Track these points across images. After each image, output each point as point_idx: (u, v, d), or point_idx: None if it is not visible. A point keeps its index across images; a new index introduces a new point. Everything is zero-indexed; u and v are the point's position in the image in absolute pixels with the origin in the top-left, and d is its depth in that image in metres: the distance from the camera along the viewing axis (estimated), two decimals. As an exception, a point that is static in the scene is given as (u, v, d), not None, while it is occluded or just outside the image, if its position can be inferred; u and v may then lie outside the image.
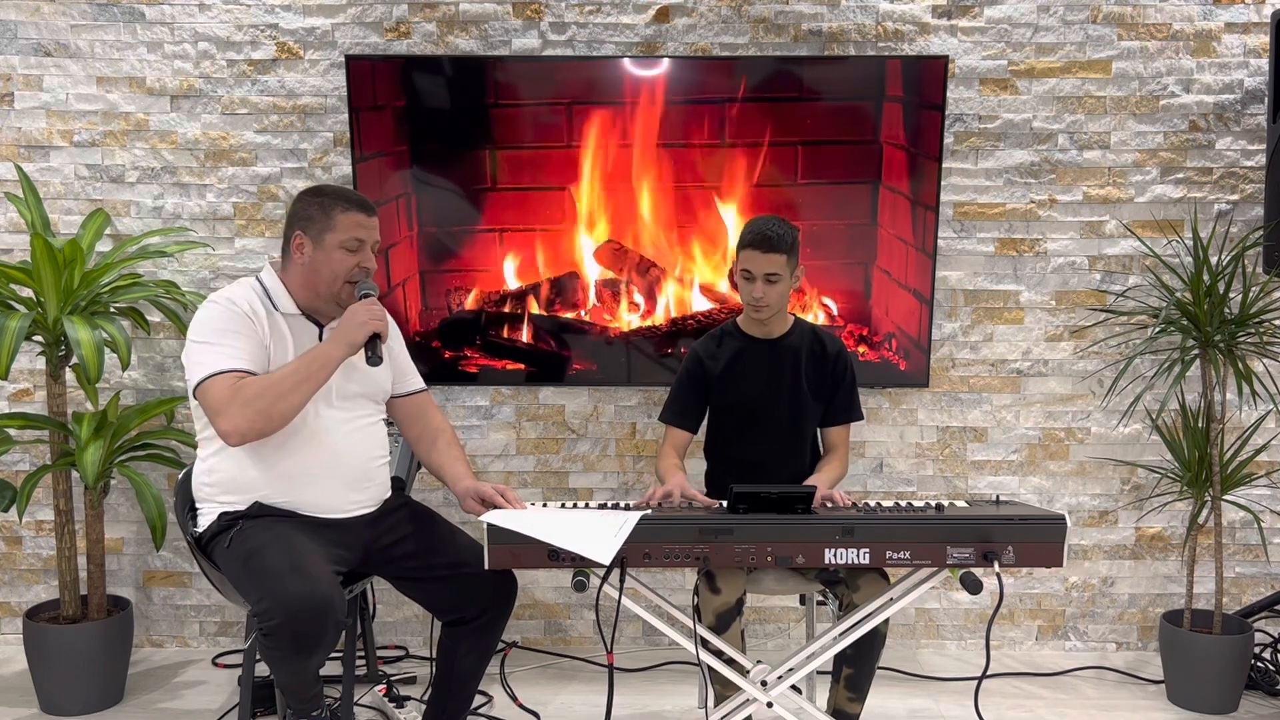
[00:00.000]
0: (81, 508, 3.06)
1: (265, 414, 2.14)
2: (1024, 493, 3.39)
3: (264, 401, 2.14)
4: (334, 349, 2.22)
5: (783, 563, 2.08)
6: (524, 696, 2.97)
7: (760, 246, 2.48)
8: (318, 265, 2.30)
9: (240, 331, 2.23)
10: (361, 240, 2.30)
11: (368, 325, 2.23)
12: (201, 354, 2.20)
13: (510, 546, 2.08)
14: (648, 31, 3.25)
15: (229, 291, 2.30)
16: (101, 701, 2.96)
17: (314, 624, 2.03)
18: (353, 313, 2.25)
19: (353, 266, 2.30)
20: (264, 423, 2.15)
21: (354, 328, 2.23)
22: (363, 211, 2.32)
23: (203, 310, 2.27)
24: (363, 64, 3.17)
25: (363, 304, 2.27)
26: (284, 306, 2.32)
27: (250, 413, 2.13)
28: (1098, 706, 3.02)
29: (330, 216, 2.29)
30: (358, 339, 2.23)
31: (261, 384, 2.16)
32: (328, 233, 2.29)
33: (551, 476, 3.43)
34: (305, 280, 2.32)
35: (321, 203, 2.31)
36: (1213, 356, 2.95)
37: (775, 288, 2.52)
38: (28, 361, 3.34)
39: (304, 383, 2.17)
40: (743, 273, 2.54)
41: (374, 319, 2.24)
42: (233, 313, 2.24)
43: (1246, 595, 3.39)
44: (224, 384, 2.16)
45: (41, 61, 3.26)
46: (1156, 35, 3.23)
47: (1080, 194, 3.29)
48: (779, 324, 2.66)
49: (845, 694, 2.43)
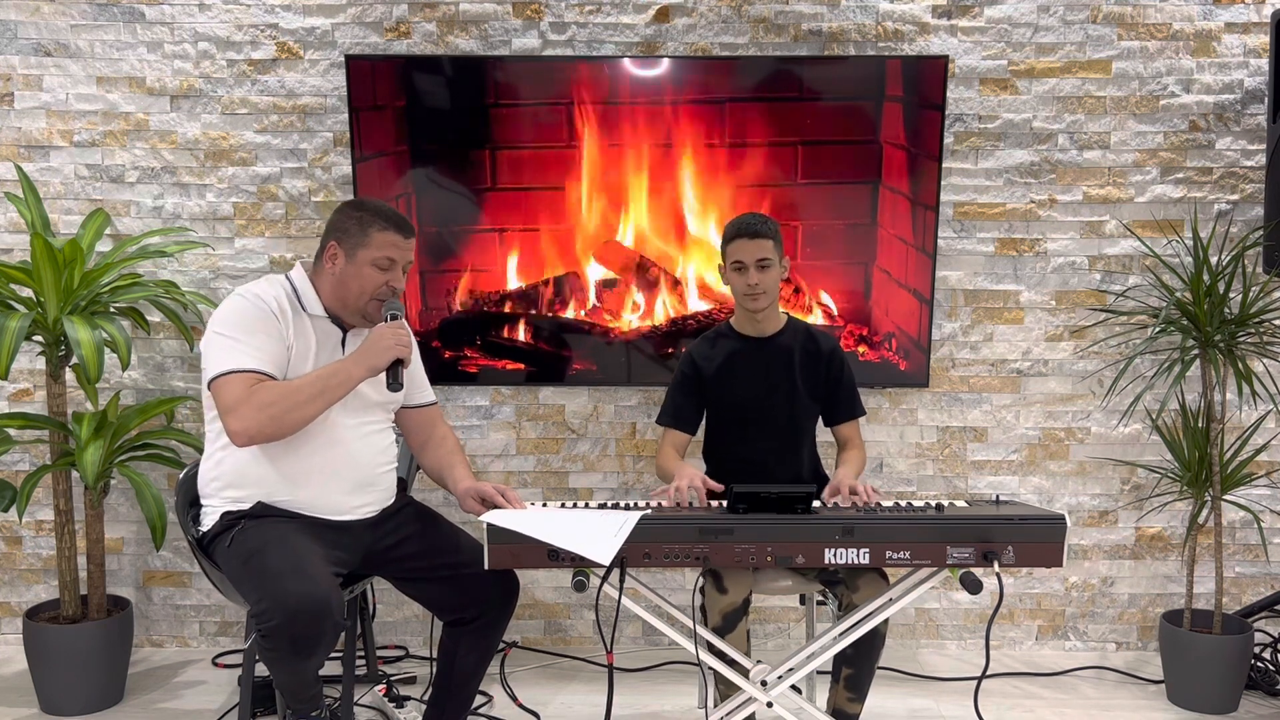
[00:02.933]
0: (81, 508, 3.06)
1: (277, 420, 2.15)
2: (1024, 493, 3.39)
3: (277, 409, 2.14)
4: (356, 369, 2.22)
5: (783, 563, 2.08)
6: (524, 696, 2.97)
7: (746, 234, 2.54)
8: (347, 278, 2.29)
9: (263, 330, 2.22)
10: (393, 260, 2.29)
11: (392, 351, 2.23)
12: (222, 348, 2.20)
13: (510, 546, 2.07)
14: (648, 31, 3.25)
15: (257, 287, 2.29)
16: (101, 701, 2.96)
17: (312, 625, 2.03)
18: (380, 335, 2.25)
19: (381, 284, 2.29)
20: (274, 429, 2.16)
21: (379, 351, 2.23)
22: (399, 232, 2.31)
23: (229, 302, 2.26)
24: (363, 64, 3.17)
25: (390, 327, 2.26)
26: (311, 308, 2.32)
27: (263, 417, 2.14)
28: (1098, 706, 3.02)
29: (366, 233, 2.28)
30: (380, 363, 2.23)
31: (278, 390, 2.16)
32: (361, 248, 2.28)
33: (551, 476, 3.43)
34: (334, 290, 2.32)
35: (360, 218, 2.30)
36: (1213, 356, 2.95)
37: (768, 274, 2.56)
38: (28, 361, 3.34)
39: (320, 396, 2.18)
40: (734, 265, 2.57)
41: (400, 344, 2.24)
42: (259, 309, 2.24)
43: (1246, 595, 3.40)
44: (240, 383, 2.16)
45: (41, 61, 3.26)
46: (1156, 35, 3.23)
47: (1080, 194, 3.29)
48: (772, 322, 2.67)
49: (845, 694, 2.43)
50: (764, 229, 2.54)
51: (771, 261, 2.55)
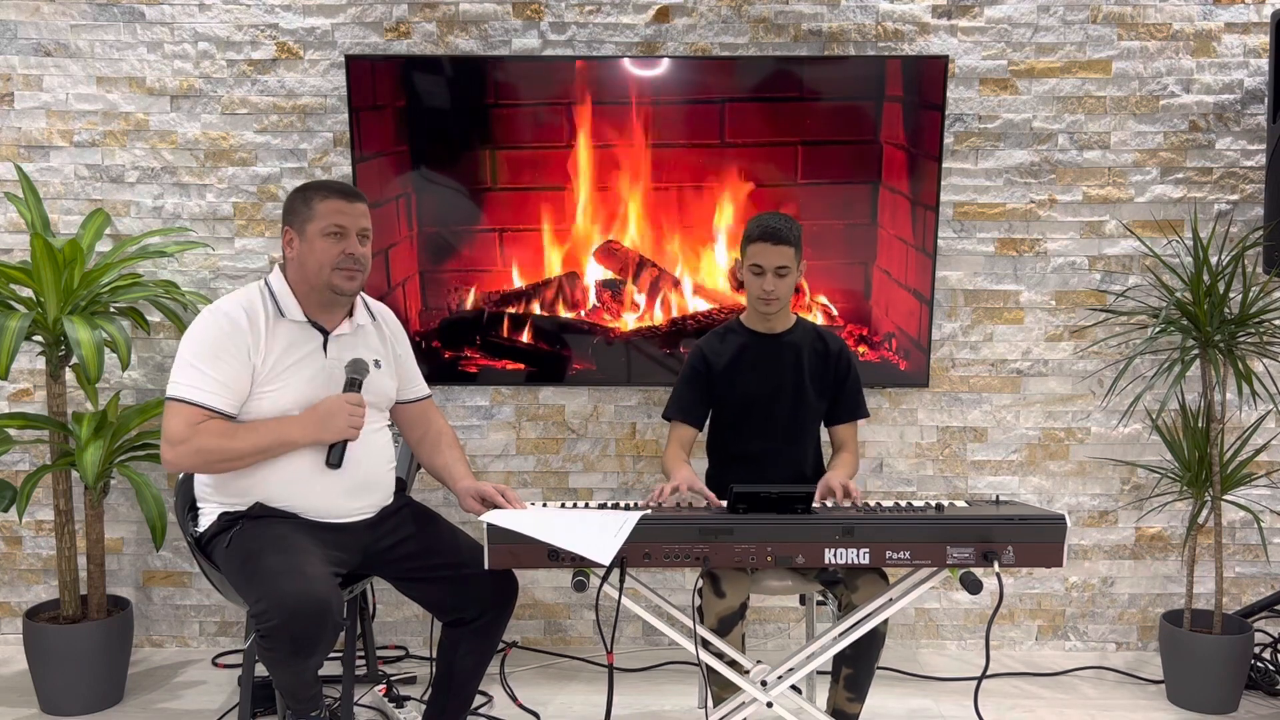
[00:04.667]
0: (81, 508, 3.06)
1: (208, 465, 2.22)
2: (1024, 493, 3.39)
3: (214, 456, 2.19)
4: (301, 435, 2.22)
5: (783, 563, 2.08)
6: (524, 696, 2.97)
7: (770, 239, 2.52)
8: (304, 257, 2.28)
9: (228, 354, 2.21)
10: (343, 226, 2.27)
11: (344, 431, 2.23)
12: (183, 371, 2.21)
13: (510, 546, 2.07)
14: (648, 31, 3.25)
15: (230, 303, 2.28)
16: (101, 701, 2.96)
17: (311, 626, 2.03)
18: (336, 410, 2.23)
19: (338, 254, 2.26)
20: (204, 470, 2.25)
21: (331, 427, 2.22)
22: (341, 198, 2.29)
23: (200, 321, 2.26)
24: (363, 64, 3.17)
25: (347, 401, 2.24)
26: (291, 314, 2.30)
27: (197, 460, 2.20)
28: (1097, 706, 3.02)
29: (310, 206, 2.28)
30: (327, 438, 2.24)
31: (218, 439, 2.18)
32: (309, 223, 2.27)
33: (551, 476, 3.43)
34: (298, 275, 2.31)
35: (304, 195, 2.30)
36: (1213, 356, 2.94)
37: (784, 280, 2.56)
38: (28, 361, 3.34)
39: (257, 453, 2.21)
40: (752, 268, 2.56)
41: (353, 427, 2.24)
42: (225, 331, 2.22)
43: (1246, 595, 3.39)
44: (188, 417, 2.18)
45: (41, 61, 3.26)
46: (1156, 35, 3.23)
47: (1080, 194, 3.29)
48: (782, 320, 2.67)
49: (845, 694, 2.43)
50: (788, 235, 2.52)
51: (789, 269, 2.54)
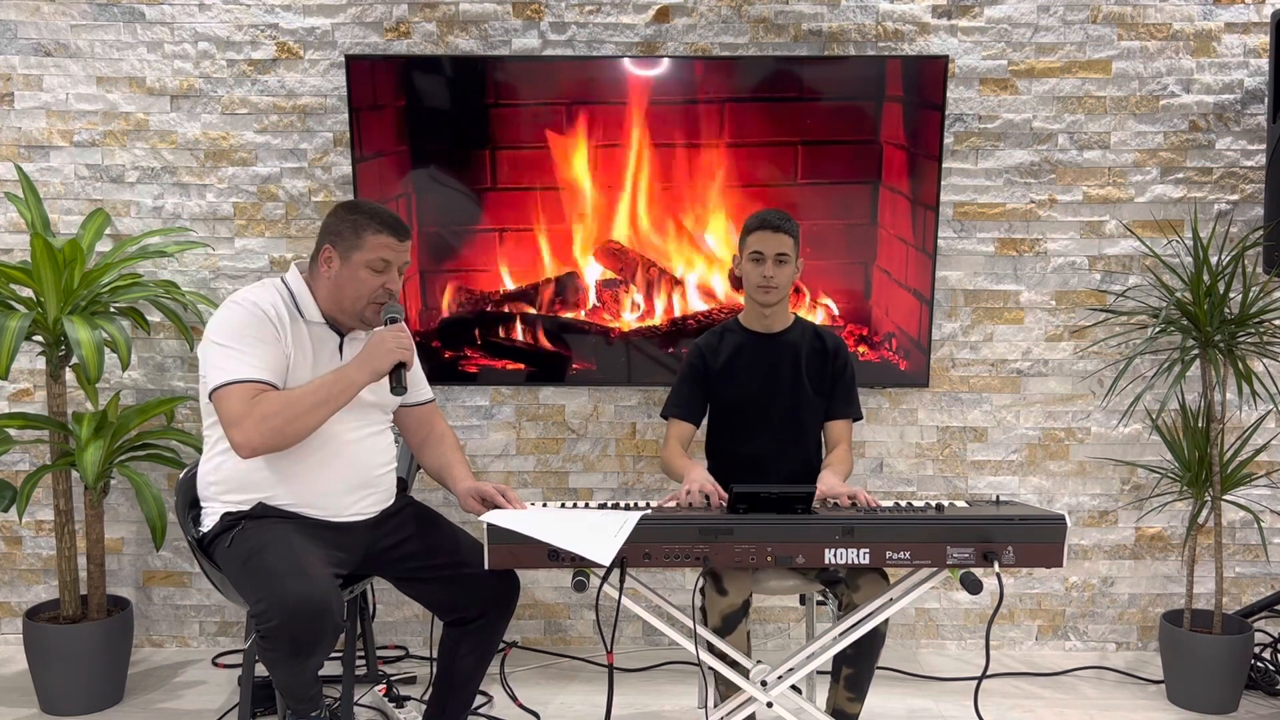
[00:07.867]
0: (81, 508, 3.06)
1: (280, 431, 2.13)
2: (1024, 493, 3.39)
3: (280, 419, 2.13)
4: (358, 374, 2.20)
5: (783, 563, 2.08)
6: (524, 696, 2.97)
7: (770, 227, 2.57)
8: (343, 282, 2.27)
9: (262, 338, 2.20)
10: (388, 262, 2.27)
11: (394, 354, 2.21)
12: (221, 357, 2.17)
13: (510, 546, 2.07)
14: (648, 31, 3.25)
15: (253, 294, 2.27)
16: (101, 701, 2.96)
17: (311, 626, 2.03)
18: (381, 339, 2.22)
19: (377, 288, 2.27)
20: (277, 440, 2.15)
21: (381, 355, 2.21)
22: (394, 235, 2.28)
23: (225, 310, 2.24)
24: (363, 64, 3.17)
25: (390, 331, 2.24)
26: (309, 314, 2.30)
27: (266, 429, 2.12)
28: (1097, 706, 3.02)
29: (360, 235, 2.26)
30: (382, 367, 2.21)
31: (280, 401, 2.14)
32: (355, 251, 2.26)
33: (551, 476, 3.43)
34: (330, 294, 2.30)
35: (355, 220, 2.27)
36: (1212, 356, 2.95)
37: (784, 269, 2.58)
38: (28, 361, 3.34)
39: (322, 405, 2.16)
40: (752, 255, 2.58)
41: (401, 348, 2.22)
42: (257, 317, 2.21)
43: (1246, 595, 3.40)
44: (242, 394, 2.14)
45: (41, 61, 3.26)
46: (1156, 35, 3.23)
47: (1080, 194, 3.29)
48: (780, 319, 2.68)
49: (845, 694, 2.43)
50: (787, 226, 2.58)
51: (789, 258, 2.58)
